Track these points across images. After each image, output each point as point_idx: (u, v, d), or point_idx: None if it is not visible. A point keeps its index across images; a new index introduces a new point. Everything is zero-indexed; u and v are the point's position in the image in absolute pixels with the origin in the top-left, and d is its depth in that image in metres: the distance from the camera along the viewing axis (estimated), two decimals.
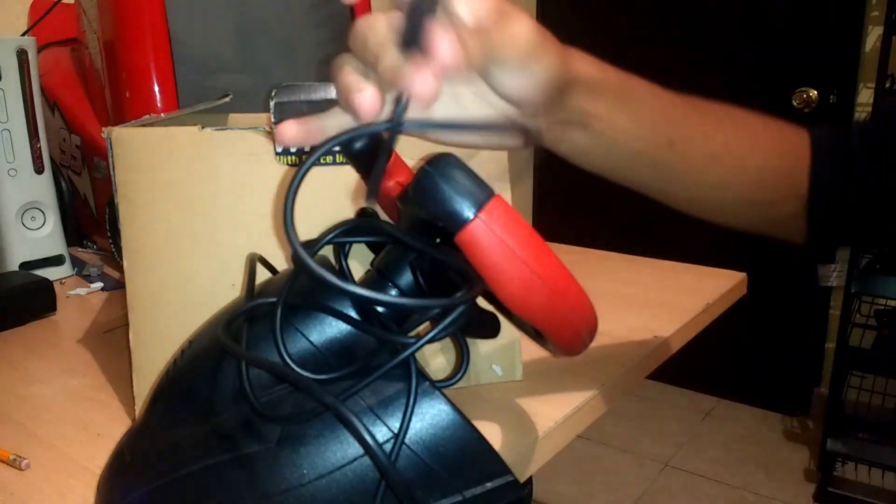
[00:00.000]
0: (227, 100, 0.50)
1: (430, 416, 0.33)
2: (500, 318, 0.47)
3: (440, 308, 0.33)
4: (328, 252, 0.44)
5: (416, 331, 0.36)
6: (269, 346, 0.35)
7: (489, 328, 0.47)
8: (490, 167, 0.47)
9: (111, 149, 0.43)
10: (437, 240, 0.37)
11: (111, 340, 0.62)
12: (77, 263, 0.86)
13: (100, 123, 0.83)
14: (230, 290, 0.45)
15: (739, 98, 0.42)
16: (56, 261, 0.82)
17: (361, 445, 0.31)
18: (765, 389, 2.23)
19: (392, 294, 0.38)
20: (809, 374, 2.19)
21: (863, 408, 1.74)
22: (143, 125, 0.45)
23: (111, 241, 0.83)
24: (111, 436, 0.45)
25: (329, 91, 0.45)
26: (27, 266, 0.79)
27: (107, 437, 0.45)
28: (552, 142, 0.40)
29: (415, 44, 0.29)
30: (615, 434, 2.12)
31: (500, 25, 0.31)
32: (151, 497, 0.34)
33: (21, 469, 0.41)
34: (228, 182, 0.45)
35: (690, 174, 0.42)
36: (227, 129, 0.45)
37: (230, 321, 0.37)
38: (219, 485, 0.33)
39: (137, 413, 0.45)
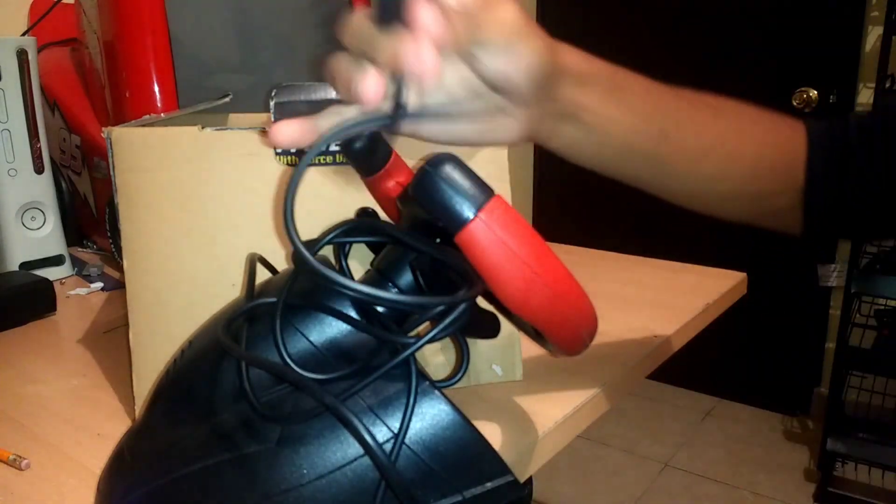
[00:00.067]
0: (227, 100, 0.50)
1: (430, 416, 0.33)
2: (500, 318, 0.48)
3: (441, 306, 0.33)
4: (328, 252, 0.44)
5: (416, 331, 0.36)
6: (269, 346, 0.35)
7: (489, 328, 0.47)
8: (490, 167, 0.47)
9: (111, 149, 0.43)
10: (437, 240, 0.37)
11: (111, 340, 0.62)
12: (77, 263, 0.86)
13: (100, 123, 0.83)
14: (230, 290, 0.45)
15: (739, 98, 0.42)
16: (56, 261, 0.82)
17: (361, 445, 0.31)
18: (765, 389, 2.23)
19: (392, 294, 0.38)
20: (809, 374, 2.19)
21: (863, 408, 1.74)
22: (143, 125, 0.45)
23: (111, 241, 0.83)
24: (111, 436, 0.45)
25: (329, 91, 0.44)
26: (27, 266, 0.79)
27: (107, 437, 0.45)
28: (545, 136, 0.40)
29: (395, 18, 0.29)
30: (615, 434, 2.12)
31: (485, 7, 0.32)
32: (151, 497, 0.34)
33: (21, 469, 0.41)
34: (228, 182, 0.45)
35: (685, 167, 0.42)
36: (227, 129, 0.45)
37: (230, 321, 0.37)
38: (219, 485, 0.33)
39: (137, 413, 0.45)
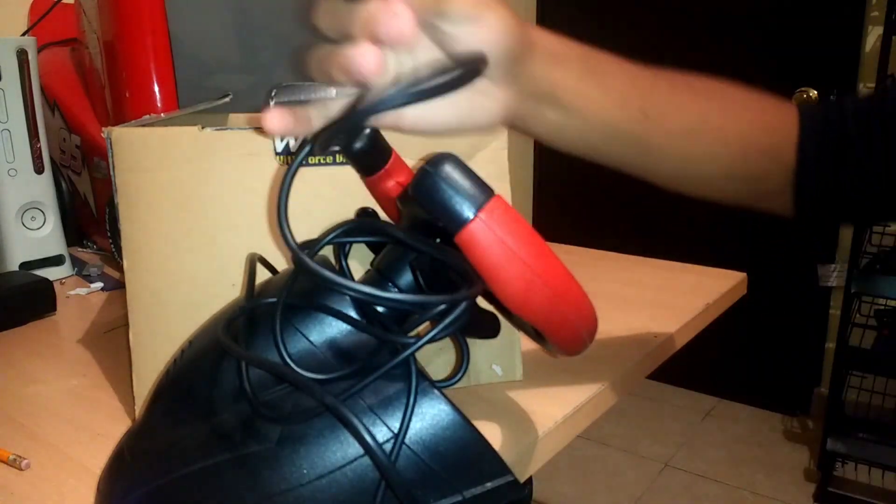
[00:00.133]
0: (227, 100, 0.50)
1: (430, 416, 0.33)
2: (500, 318, 0.48)
3: (442, 305, 0.33)
4: (328, 252, 0.44)
5: (416, 331, 0.36)
6: (269, 346, 0.35)
7: (489, 328, 0.47)
8: (490, 167, 0.47)
9: (111, 149, 0.43)
10: (437, 240, 0.37)
11: (111, 340, 0.62)
12: (77, 263, 0.86)
13: (100, 123, 0.83)
14: (230, 290, 0.45)
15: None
16: (56, 261, 0.82)
17: (361, 445, 0.31)
18: (765, 389, 2.23)
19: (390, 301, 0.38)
20: (809, 374, 2.19)
21: (863, 408, 1.74)
22: (143, 125, 0.45)
23: (111, 241, 0.83)
24: (111, 436, 0.45)
25: (329, 91, 0.44)
26: (27, 266, 0.79)
27: (107, 437, 0.45)
28: (526, 120, 0.39)
29: None
30: (615, 434, 2.12)
31: None
32: (151, 497, 0.34)
33: (21, 469, 0.41)
34: (228, 182, 0.45)
35: (669, 148, 0.42)
36: (227, 129, 0.45)
37: (230, 321, 0.37)
38: (219, 485, 0.33)
39: (137, 413, 0.45)
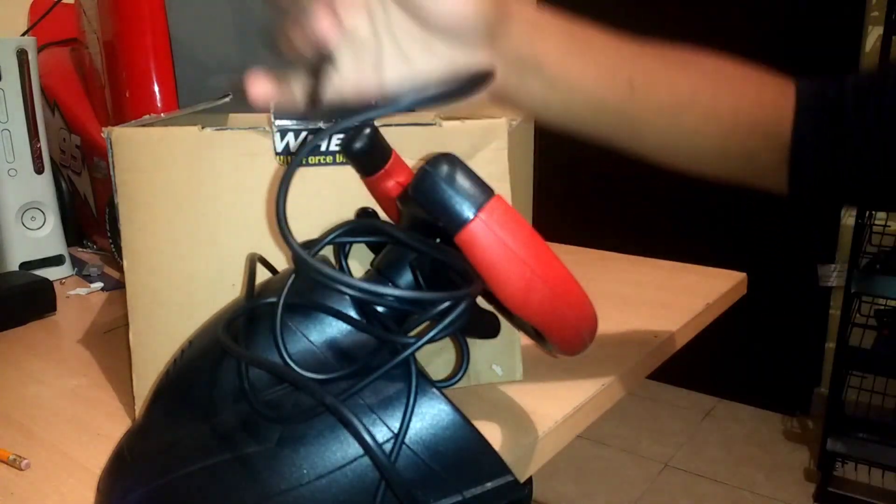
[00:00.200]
0: (227, 100, 0.50)
1: (430, 416, 0.33)
2: (500, 318, 0.48)
3: (446, 302, 0.33)
4: (328, 252, 0.44)
5: (416, 331, 0.36)
6: (269, 346, 0.35)
7: (489, 328, 0.47)
8: (490, 167, 0.47)
9: (111, 149, 0.43)
10: (437, 240, 0.37)
11: (111, 340, 0.62)
12: (77, 263, 0.86)
13: (100, 123, 0.83)
14: (230, 290, 0.45)
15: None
16: (56, 261, 0.82)
17: (361, 445, 0.31)
18: (765, 389, 2.23)
19: (391, 298, 0.38)
20: (809, 374, 2.19)
21: (863, 408, 1.74)
22: (143, 125, 0.45)
23: (111, 241, 0.83)
24: (111, 436, 0.45)
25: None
26: (27, 266, 0.79)
27: (107, 437, 0.45)
28: (512, 92, 0.39)
29: None
30: (615, 434, 2.12)
31: None
32: (151, 497, 0.34)
33: (21, 469, 0.41)
34: (228, 182, 0.45)
35: (658, 122, 0.41)
36: (227, 129, 0.45)
37: (230, 321, 0.37)
38: (219, 485, 0.33)
39: (137, 413, 0.45)
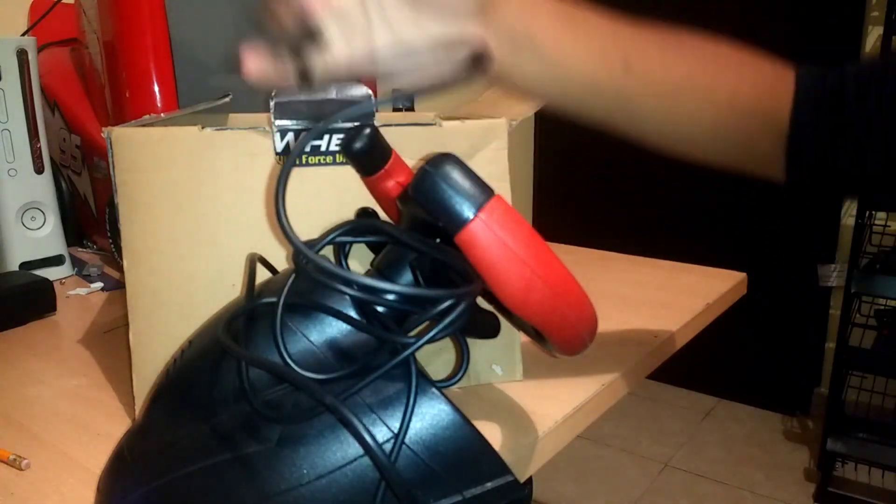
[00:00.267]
0: (227, 100, 0.50)
1: (430, 416, 0.33)
2: (500, 318, 0.48)
3: (450, 300, 0.33)
4: (328, 252, 0.44)
5: (416, 331, 0.36)
6: (269, 346, 0.35)
7: (489, 328, 0.47)
8: (490, 167, 0.47)
9: (111, 149, 0.43)
10: (437, 240, 0.37)
11: (111, 340, 0.62)
12: (77, 263, 0.86)
13: (100, 123, 0.83)
14: (230, 290, 0.45)
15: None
16: (56, 261, 0.82)
17: (361, 445, 0.31)
18: (765, 389, 2.23)
19: (392, 295, 0.38)
20: (809, 374, 2.19)
21: (863, 408, 1.74)
22: (143, 125, 0.45)
23: (111, 241, 0.83)
24: (111, 436, 0.45)
25: (329, 91, 0.45)
26: (27, 266, 0.79)
27: (107, 437, 0.45)
28: (507, 71, 0.39)
29: None
30: (615, 434, 2.12)
31: None
32: (151, 497, 0.34)
33: (21, 469, 0.41)
34: (228, 182, 0.45)
35: (654, 104, 0.41)
36: (227, 129, 0.45)
37: (230, 321, 0.37)
38: (219, 485, 0.33)
39: (137, 413, 0.45)
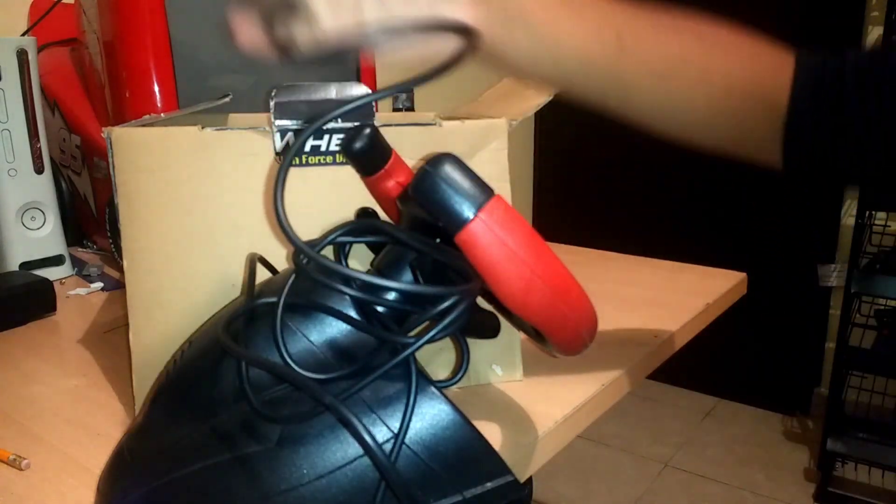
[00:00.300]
0: (227, 100, 0.50)
1: (430, 416, 0.33)
2: (500, 318, 0.48)
3: (455, 296, 0.33)
4: (328, 253, 0.44)
5: (416, 331, 0.36)
6: (269, 346, 0.35)
7: (489, 328, 0.47)
8: (490, 167, 0.47)
9: (111, 149, 0.43)
10: (437, 240, 0.37)
11: (111, 340, 0.62)
12: (77, 263, 0.86)
13: (100, 123, 0.83)
14: (230, 290, 0.45)
15: None
16: (56, 261, 0.82)
17: (361, 445, 0.31)
18: (765, 389, 2.23)
19: (392, 295, 0.38)
20: (809, 374, 2.19)
21: (863, 408, 1.74)
22: (143, 125, 0.45)
23: (111, 241, 0.83)
24: (111, 436, 0.45)
25: (329, 90, 0.45)
26: (27, 266, 0.79)
27: (107, 437, 0.45)
28: (498, 47, 0.39)
29: None
30: (615, 434, 2.12)
31: None
32: (151, 497, 0.34)
33: (21, 469, 0.41)
34: (228, 182, 0.45)
35: (648, 84, 0.41)
36: (227, 129, 0.45)
37: (230, 321, 0.37)
38: (219, 485, 0.33)
39: (137, 413, 0.45)
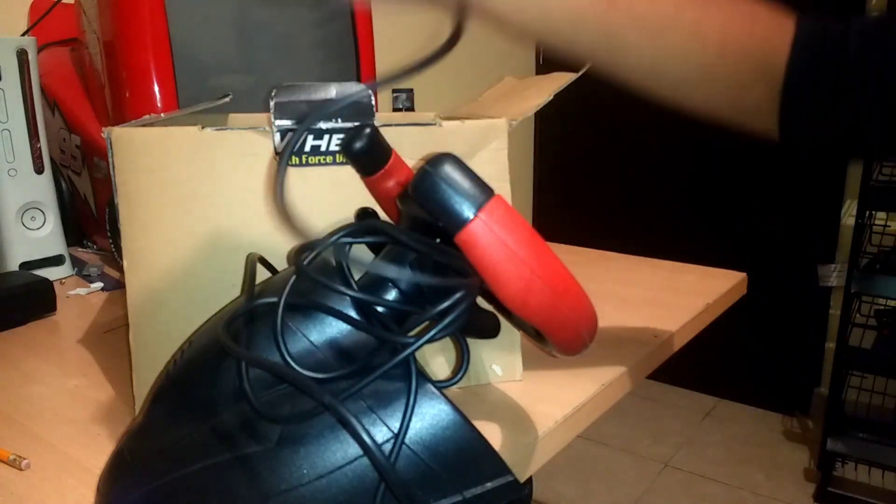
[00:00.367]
0: (227, 100, 0.50)
1: (430, 416, 0.33)
2: (500, 318, 0.48)
3: (460, 291, 0.33)
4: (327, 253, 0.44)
5: (416, 331, 0.36)
6: (270, 346, 0.35)
7: (489, 328, 0.47)
8: (490, 167, 0.47)
9: (111, 149, 0.43)
10: (437, 240, 0.37)
11: (111, 340, 0.62)
12: (77, 263, 0.86)
13: (100, 123, 0.83)
14: (230, 290, 0.45)
15: None
16: (56, 261, 0.82)
17: (360, 446, 0.31)
18: (765, 389, 2.23)
19: (392, 295, 0.38)
20: (809, 374, 2.19)
21: (863, 408, 1.74)
22: (143, 125, 0.45)
23: (111, 241, 0.83)
24: (111, 436, 0.45)
25: (329, 90, 0.45)
26: (27, 266, 0.79)
27: (107, 437, 0.45)
28: (488, 2, 0.39)
29: None
30: (615, 434, 2.12)
31: None
32: (151, 497, 0.34)
33: (21, 469, 0.41)
34: (228, 182, 0.45)
35: (639, 40, 0.40)
36: (227, 129, 0.45)
37: (230, 321, 0.37)
38: (219, 485, 0.33)
39: (137, 413, 0.45)
